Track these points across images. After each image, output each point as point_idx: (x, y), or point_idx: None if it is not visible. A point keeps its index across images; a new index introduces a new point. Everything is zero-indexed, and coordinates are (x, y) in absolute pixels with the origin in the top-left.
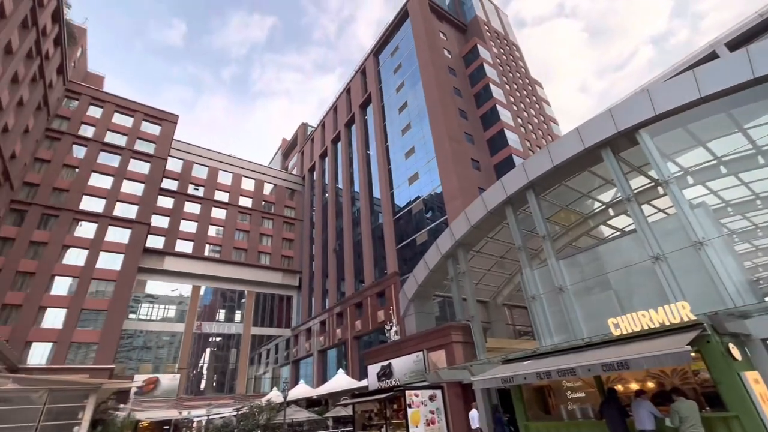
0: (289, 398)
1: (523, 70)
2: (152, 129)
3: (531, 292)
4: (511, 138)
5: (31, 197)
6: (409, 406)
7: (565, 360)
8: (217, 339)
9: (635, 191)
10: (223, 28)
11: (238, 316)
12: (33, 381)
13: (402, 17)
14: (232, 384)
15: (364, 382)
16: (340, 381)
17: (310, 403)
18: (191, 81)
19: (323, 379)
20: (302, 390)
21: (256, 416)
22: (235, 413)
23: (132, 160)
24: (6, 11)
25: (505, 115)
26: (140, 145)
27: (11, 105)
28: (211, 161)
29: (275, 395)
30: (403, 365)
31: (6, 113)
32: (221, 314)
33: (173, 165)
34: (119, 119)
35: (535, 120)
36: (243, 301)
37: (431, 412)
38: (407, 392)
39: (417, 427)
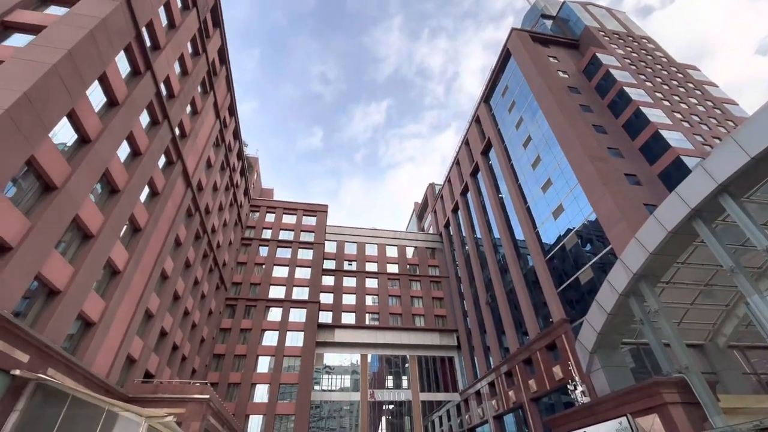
0: None
1: (664, 60)
2: (310, 221)
3: None
4: (672, 138)
5: (238, 294)
6: None
7: None
8: (390, 407)
9: None
10: (349, 123)
11: (405, 382)
12: None
13: (504, 57)
14: None
15: None
16: None
17: None
18: (332, 172)
19: None
20: None
21: None
22: None
23: (299, 249)
24: (212, 161)
25: (654, 114)
26: (303, 236)
27: (220, 226)
28: (358, 237)
29: None
30: None
31: (218, 233)
32: (389, 381)
33: (329, 247)
34: (286, 219)
35: (701, 108)
36: (407, 365)
37: None
38: None
39: None
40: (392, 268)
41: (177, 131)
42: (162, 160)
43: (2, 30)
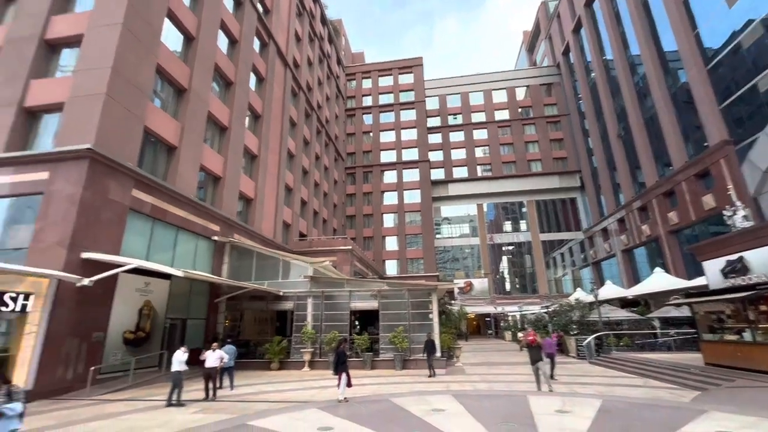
0: (599, 298)
1: None
2: (407, 78)
3: None
4: None
5: (353, 162)
6: None
7: None
8: (510, 247)
9: None
10: None
11: (523, 225)
12: (397, 284)
13: None
14: (533, 286)
15: (698, 281)
16: (662, 281)
17: (623, 303)
18: (422, 16)
19: (634, 279)
20: (612, 290)
21: (567, 313)
22: (544, 310)
23: (401, 111)
24: (299, 33)
25: None
26: (403, 97)
27: (324, 101)
28: (460, 87)
29: (582, 295)
30: (765, 258)
31: (324, 109)
32: (507, 225)
33: (431, 104)
34: (383, 81)
35: None
36: (524, 210)
37: None
38: None
39: None
40: (501, 115)
41: (260, 8)
42: (257, 44)
43: None
